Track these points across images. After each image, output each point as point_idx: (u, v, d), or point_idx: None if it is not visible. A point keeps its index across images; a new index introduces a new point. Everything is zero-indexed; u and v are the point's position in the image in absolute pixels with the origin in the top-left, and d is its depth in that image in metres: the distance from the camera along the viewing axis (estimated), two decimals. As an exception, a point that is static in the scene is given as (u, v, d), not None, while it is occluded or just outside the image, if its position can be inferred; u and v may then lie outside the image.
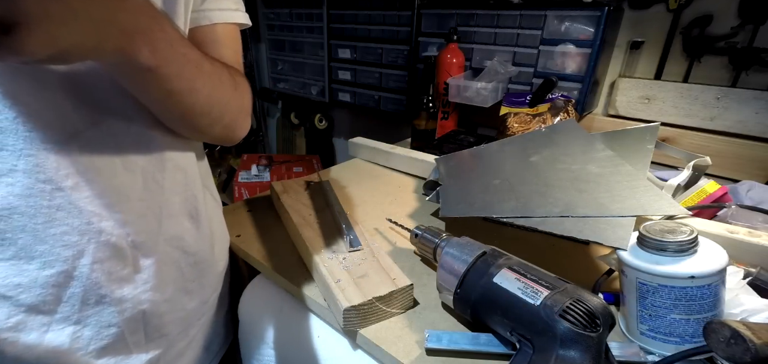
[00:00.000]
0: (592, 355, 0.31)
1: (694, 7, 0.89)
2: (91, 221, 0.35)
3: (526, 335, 0.35)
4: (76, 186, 0.34)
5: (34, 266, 0.33)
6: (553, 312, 0.33)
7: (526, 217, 0.47)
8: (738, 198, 0.65)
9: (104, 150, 0.36)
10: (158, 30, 0.31)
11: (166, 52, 0.32)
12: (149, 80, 0.33)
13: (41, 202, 0.32)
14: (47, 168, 0.32)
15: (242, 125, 0.47)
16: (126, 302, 0.39)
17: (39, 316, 0.34)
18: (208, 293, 0.50)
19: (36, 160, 0.32)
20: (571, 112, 0.87)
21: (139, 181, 0.39)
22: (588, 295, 0.34)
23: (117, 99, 0.36)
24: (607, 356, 0.33)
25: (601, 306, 0.33)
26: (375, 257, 0.48)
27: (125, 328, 0.39)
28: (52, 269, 0.34)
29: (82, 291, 0.35)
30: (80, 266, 0.35)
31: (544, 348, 0.33)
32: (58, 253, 0.34)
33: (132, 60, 0.30)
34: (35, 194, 0.32)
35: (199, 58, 0.37)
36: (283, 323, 0.50)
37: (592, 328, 0.31)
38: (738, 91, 0.87)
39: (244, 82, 0.46)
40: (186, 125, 0.41)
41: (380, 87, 1.48)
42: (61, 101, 0.33)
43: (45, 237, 0.33)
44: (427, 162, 0.78)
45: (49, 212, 0.33)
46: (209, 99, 0.39)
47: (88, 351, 0.37)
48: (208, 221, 0.49)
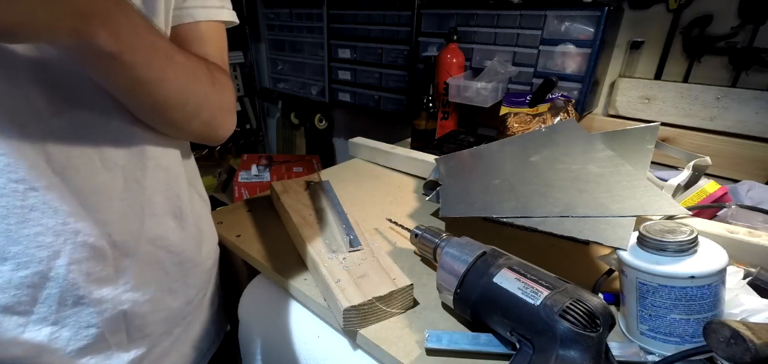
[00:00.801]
0: (592, 355, 0.31)
1: (694, 7, 0.89)
2: (67, 222, 0.34)
3: (526, 335, 0.35)
4: (50, 185, 0.33)
5: (7, 268, 0.33)
6: (553, 312, 0.33)
7: (526, 217, 0.47)
8: (738, 198, 0.65)
9: (82, 148, 0.35)
10: (121, 15, 0.30)
11: (130, 38, 0.31)
12: (112, 67, 0.32)
13: (14, 202, 0.32)
14: (20, 167, 0.32)
15: (224, 124, 0.46)
16: (106, 303, 0.38)
17: (14, 317, 0.34)
18: (193, 293, 0.49)
19: (7, 160, 0.31)
20: (571, 112, 0.87)
21: (119, 180, 0.38)
22: (588, 295, 0.34)
23: (94, 95, 0.36)
24: (607, 356, 0.33)
25: (601, 306, 0.33)
26: (375, 257, 0.48)
27: (105, 328, 0.39)
28: (27, 270, 0.33)
29: (58, 292, 0.35)
30: (56, 267, 0.35)
31: (544, 348, 0.33)
32: (33, 254, 0.33)
33: (90, 43, 0.29)
34: (7, 193, 0.31)
35: (169, 49, 0.36)
36: (283, 323, 0.50)
37: (592, 328, 0.31)
38: (738, 91, 0.87)
39: (225, 79, 0.45)
40: (159, 119, 0.40)
41: (380, 87, 1.48)
42: (35, 98, 0.32)
43: (18, 238, 0.33)
44: (427, 162, 0.78)
45: (23, 213, 0.32)
46: (183, 92, 0.38)
47: (67, 352, 0.37)
48: (196, 221, 0.48)
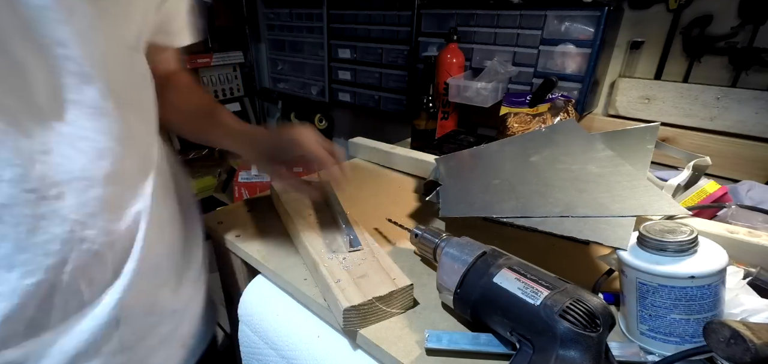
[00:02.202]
0: (592, 355, 0.31)
1: (694, 7, 0.89)
2: (74, 230, 0.35)
3: (526, 335, 0.35)
4: (60, 195, 0.34)
5: (14, 276, 0.33)
6: (553, 312, 0.33)
7: (526, 217, 0.47)
8: (738, 198, 0.65)
9: (91, 160, 0.36)
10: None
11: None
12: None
13: (25, 210, 0.32)
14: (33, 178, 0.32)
15: None
16: (104, 306, 0.39)
17: (20, 323, 0.34)
18: (182, 292, 0.50)
19: (22, 171, 0.32)
20: (571, 112, 0.87)
21: (126, 191, 0.40)
22: (588, 295, 0.34)
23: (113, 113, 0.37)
24: (607, 356, 0.33)
25: (601, 306, 0.33)
26: (375, 257, 0.48)
27: (100, 331, 0.39)
28: (33, 278, 0.34)
29: (63, 299, 0.36)
30: (62, 274, 0.35)
31: (544, 348, 0.33)
32: (40, 262, 0.34)
33: None
34: (19, 203, 0.32)
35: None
36: (283, 323, 0.50)
37: (592, 328, 0.31)
38: (738, 91, 0.87)
39: (187, 76, 0.59)
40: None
41: (380, 87, 1.48)
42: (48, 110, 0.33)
43: (27, 246, 0.33)
44: (427, 162, 0.78)
45: (34, 222, 0.33)
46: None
47: (67, 355, 0.38)
48: (186, 219, 0.52)
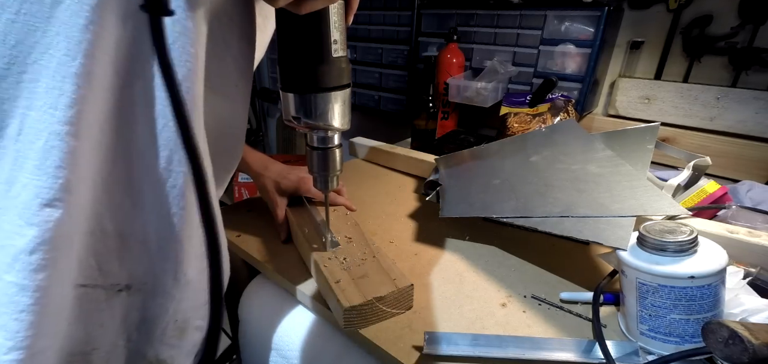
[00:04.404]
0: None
1: (694, 7, 0.89)
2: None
3: None
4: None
5: None
6: None
7: (526, 217, 0.47)
8: (738, 198, 0.65)
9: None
10: None
11: None
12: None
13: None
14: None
15: None
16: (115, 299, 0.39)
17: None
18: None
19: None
20: (571, 112, 0.87)
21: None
22: None
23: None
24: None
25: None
26: (375, 257, 0.48)
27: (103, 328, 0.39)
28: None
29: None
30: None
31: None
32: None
33: None
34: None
35: None
36: (283, 323, 0.50)
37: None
38: (738, 91, 0.87)
39: None
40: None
41: (380, 87, 1.48)
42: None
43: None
44: (427, 162, 0.78)
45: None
46: None
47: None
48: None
